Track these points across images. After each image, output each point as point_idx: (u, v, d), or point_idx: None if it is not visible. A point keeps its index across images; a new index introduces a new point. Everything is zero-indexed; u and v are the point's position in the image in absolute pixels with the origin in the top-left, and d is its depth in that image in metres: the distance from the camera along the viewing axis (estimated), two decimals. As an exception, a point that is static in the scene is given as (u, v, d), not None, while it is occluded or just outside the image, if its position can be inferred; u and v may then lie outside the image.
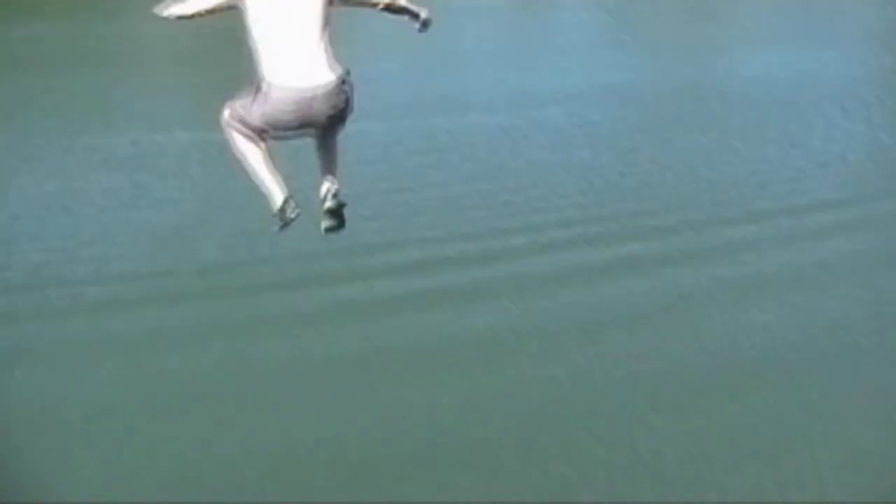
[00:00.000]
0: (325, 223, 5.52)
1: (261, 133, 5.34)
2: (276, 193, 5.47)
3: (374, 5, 5.33)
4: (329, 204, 5.45)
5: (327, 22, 5.02)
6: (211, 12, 5.16)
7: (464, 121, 34.93)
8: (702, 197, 26.08)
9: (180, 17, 5.24)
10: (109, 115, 34.28)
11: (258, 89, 5.09)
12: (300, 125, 5.13)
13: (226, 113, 5.42)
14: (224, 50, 36.89)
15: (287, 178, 6.02)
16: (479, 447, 14.02)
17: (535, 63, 43.28)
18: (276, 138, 5.48)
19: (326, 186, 5.47)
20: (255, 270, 20.32)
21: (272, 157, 5.77)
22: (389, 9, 5.37)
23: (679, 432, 14.47)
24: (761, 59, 43.65)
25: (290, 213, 5.50)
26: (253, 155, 5.42)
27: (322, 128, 5.25)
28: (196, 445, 14.22)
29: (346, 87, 5.20)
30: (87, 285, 19.51)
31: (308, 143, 6.04)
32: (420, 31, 5.49)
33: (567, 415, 15.01)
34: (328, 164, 5.53)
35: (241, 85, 5.97)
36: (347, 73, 5.19)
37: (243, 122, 5.26)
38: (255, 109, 5.12)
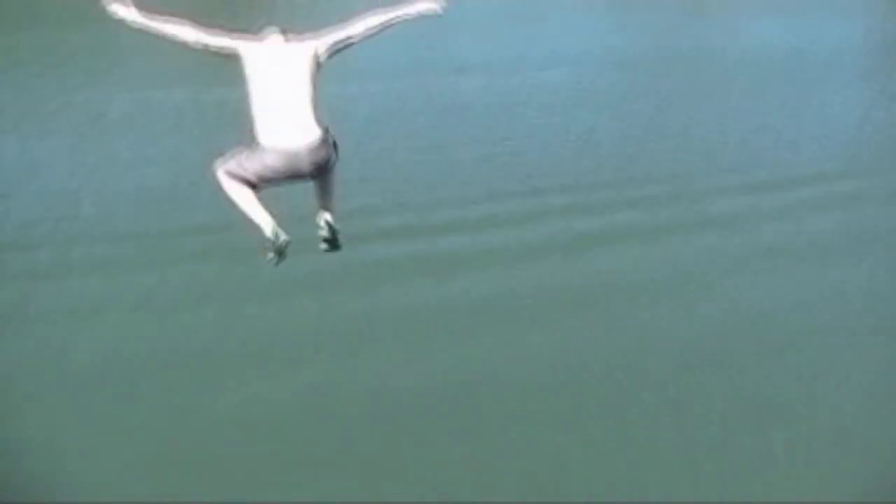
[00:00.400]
0: (322, 246, 6.49)
1: (253, 184, 5.89)
2: (266, 223, 6.01)
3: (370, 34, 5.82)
4: (323, 234, 6.40)
5: (315, 86, 5.57)
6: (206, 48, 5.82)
7: (462, 84, 34.44)
8: (697, 166, 25.71)
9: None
10: (106, 72, 33.65)
11: (252, 149, 5.65)
12: (289, 176, 5.74)
13: (218, 169, 5.87)
14: (222, 8, 36.36)
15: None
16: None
17: (534, 27, 42.61)
18: (266, 187, 6.04)
19: (322, 218, 6.34)
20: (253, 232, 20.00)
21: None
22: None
23: (670, 403, 14.28)
24: (761, 28, 43.08)
25: (279, 239, 6.16)
26: (244, 196, 5.91)
27: (309, 175, 5.86)
28: (193, 404, 14.00)
29: (329, 141, 5.76)
30: (82, 245, 19.14)
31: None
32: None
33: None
34: (323, 199, 6.29)
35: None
36: (326, 130, 5.73)
37: (236, 176, 5.77)
38: (248, 167, 5.69)
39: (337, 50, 5.78)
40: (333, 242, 6.47)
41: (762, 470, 12.83)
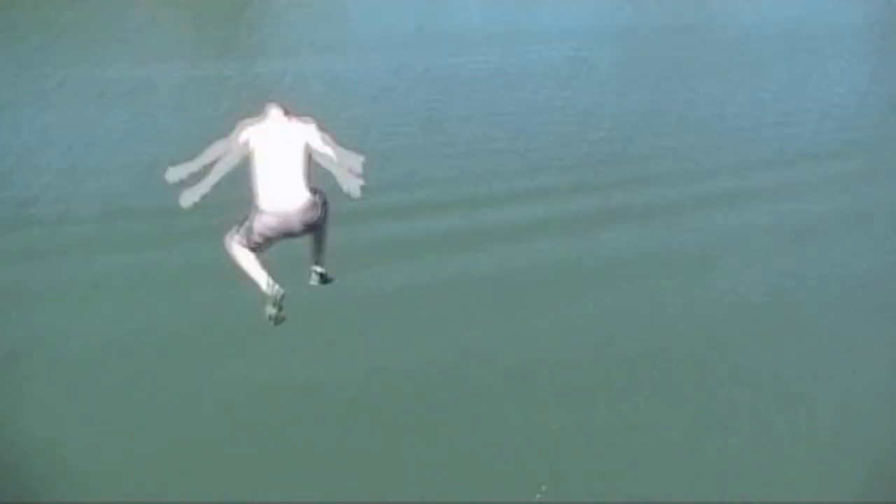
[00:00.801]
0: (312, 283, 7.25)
1: (254, 247, 6.78)
2: (262, 279, 6.79)
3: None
4: (313, 283, 7.41)
5: (306, 164, 6.41)
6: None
7: (462, 58, 33.88)
8: (698, 143, 25.31)
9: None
10: (106, 47, 33.12)
11: (253, 213, 6.54)
12: (283, 234, 6.59)
13: (227, 238, 6.87)
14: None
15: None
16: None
17: (536, 2, 41.99)
18: (267, 247, 6.83)
19: (314, 271, 7.27)
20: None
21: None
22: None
23: (667, 382, 13.96)
24: (761, 4, 42.47)
25: (274, 290, 6.83)
26: (245, 257, 6.85)
27: (301, 233, 6.67)
28: (192, 382, 13.74)
29: (318, 203, 6.52)
30: (81, 223, 18.77)
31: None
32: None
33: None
34: (315, 253, 7.15)
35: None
36: (314, 191, 6.51)
37: (241, 242, 6.75)
38: (251, 226, 6.59)
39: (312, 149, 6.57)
40: (325, 282, 7.37)
41: (767, 450, 12.59)
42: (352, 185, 6.31)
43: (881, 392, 14.06)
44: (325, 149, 6.41)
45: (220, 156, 6.62)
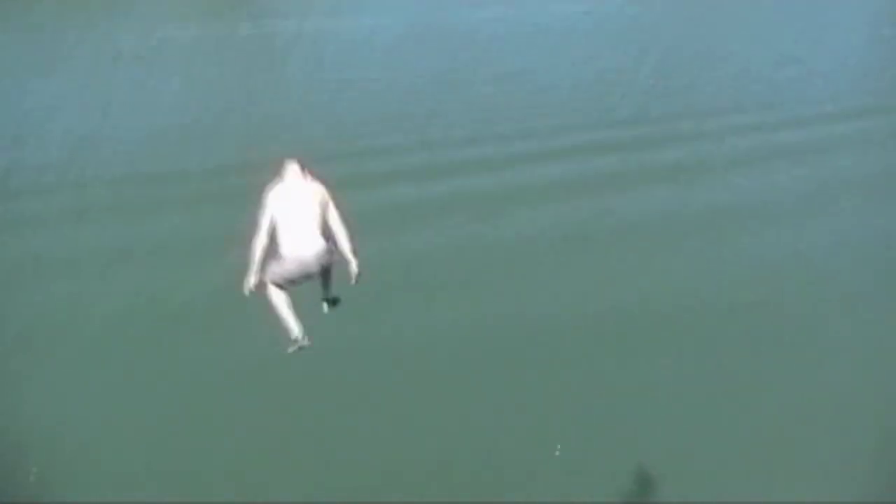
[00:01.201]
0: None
1: (281, 286, 7.48)
2: (293, 328, 7.54)
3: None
4: (325, 310, 8.12)
5: (322, 217, 7.32)
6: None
7: (480, 15, 33.06)
8: (719, 102, 24.66)
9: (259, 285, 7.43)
10: (121, 10, 32.61)
11: (277, 258, 7.29)
12: (303, 276, 7.40)
13: (263, 278, 7.44)
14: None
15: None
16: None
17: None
18: (292, 287, 7.56)
19: (325, 300, 8.03)
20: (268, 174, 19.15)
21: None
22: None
23: (680, 345, 13.50)
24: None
25: (303, 342, 7.62)
26: (280, 301, 7.52)
27: (317, 274, 7.51)
28: (216, 349, 13.42)
29: (330, 250, 7.38)
30: (99, 188, 18.40)
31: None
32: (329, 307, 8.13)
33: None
34: (325, 287, 7.93)
35: None
36: (328, 238, 7.38)
37: (272, 281, 7.42)
38: (276, 270, 7.35)
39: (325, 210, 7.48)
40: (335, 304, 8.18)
41: (788, 413, 12.18)
42: (352, 271, 7.58)
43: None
44: (337, 225, 7.48)
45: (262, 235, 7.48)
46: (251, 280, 7.42)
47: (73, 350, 13.32)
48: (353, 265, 7.53)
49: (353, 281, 7.55)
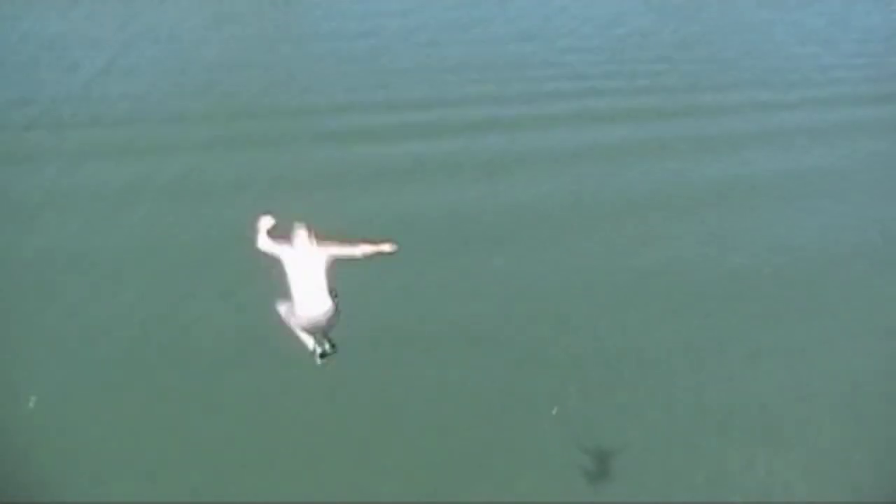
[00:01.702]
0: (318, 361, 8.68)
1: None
2: (308, 343, 8.46)
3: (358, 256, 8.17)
4: (319, 363, 8.63)
5: (328, 275, 8.03)
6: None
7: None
8: (742, 74, 24.22)
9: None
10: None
11: (293, 312, 8.13)
12: (313, 329, 8.29)
13: (281, 308, 8.33)
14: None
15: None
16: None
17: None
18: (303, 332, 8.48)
19: (322, 351, 8.57)
20: (292, 120, 19.03)
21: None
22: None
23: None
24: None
25: (317, 350, 8.51)
26: (293, 323, 8.37)
27: (325, 327, 8.37)
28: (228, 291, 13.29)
29: (336, 308, 8.09)
30: (110, 126, 18.14)
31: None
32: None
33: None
34: (326, 337, 8.53)
35: None
36: (334, 296, 8.11)
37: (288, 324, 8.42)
38: (292, 321, 8.30)
39: (337, 258, 8.19)
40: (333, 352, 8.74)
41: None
42: (384, 249, 8.14)
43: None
44: (346, 251, 8.13)
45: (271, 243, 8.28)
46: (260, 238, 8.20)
47: (83, 285, 13.19)
48: (388, 247, 8.17)
49: (392, 248, 8.15)
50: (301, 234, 8.12)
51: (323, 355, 8.61)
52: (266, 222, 8.22)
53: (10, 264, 13.15)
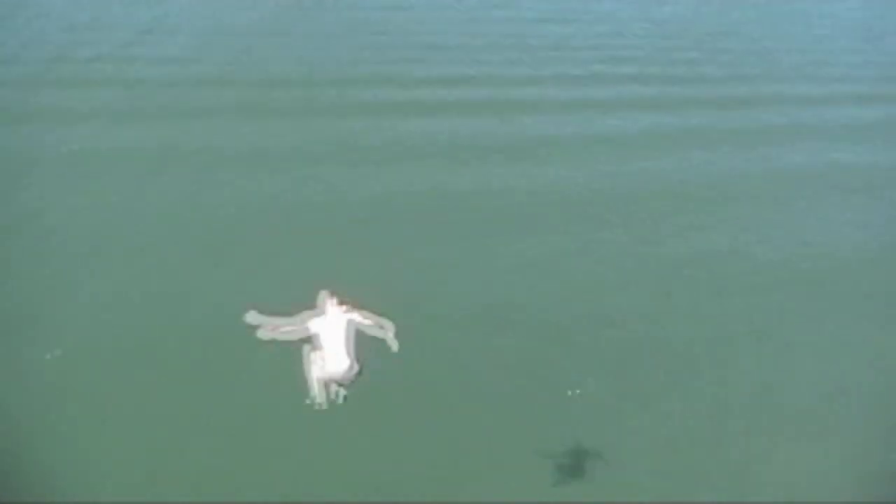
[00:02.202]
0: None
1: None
2: (314, 392, 9.05)
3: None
4: (341, 401, 9.20)
5: (354, 339, 8.69)
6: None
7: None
8: (773, 65, 23.67)
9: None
10: None
11: (317, 364, 8.85)
12: (336, 382, 8.90)
13: (309, 357, 8.90)
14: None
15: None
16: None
17: None
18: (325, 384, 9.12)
19: (342, 394, 9.21)
20: (324, 90, 18.85)
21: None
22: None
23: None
24: None
25: (314, 403, 9.03)
26: (312, 370, 8.98)
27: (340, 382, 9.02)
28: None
29: (359, 367, 8.73)
30: (148, 84, 18.06)
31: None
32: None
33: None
34: (340, 387, 9.10)
35: None
36: (356, 360, 8.71)
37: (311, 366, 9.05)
38: (318, 374, 8.94)
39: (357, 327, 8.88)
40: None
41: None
42: (391, 344, 8.74)
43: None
44: (366, 323, 8.82)
45: (293, 326, 8.78)
46: (264, 332, 8.65)
47: (79, 246, 13.19)
48: (392, 344, 8.79)
49: (394, 347, 8.75)
50: (328, 301, 8.91)
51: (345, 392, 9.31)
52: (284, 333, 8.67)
53: (37, 224, 13.25)
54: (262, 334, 8.52)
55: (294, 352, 9.11)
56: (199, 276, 12.50)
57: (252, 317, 8.56)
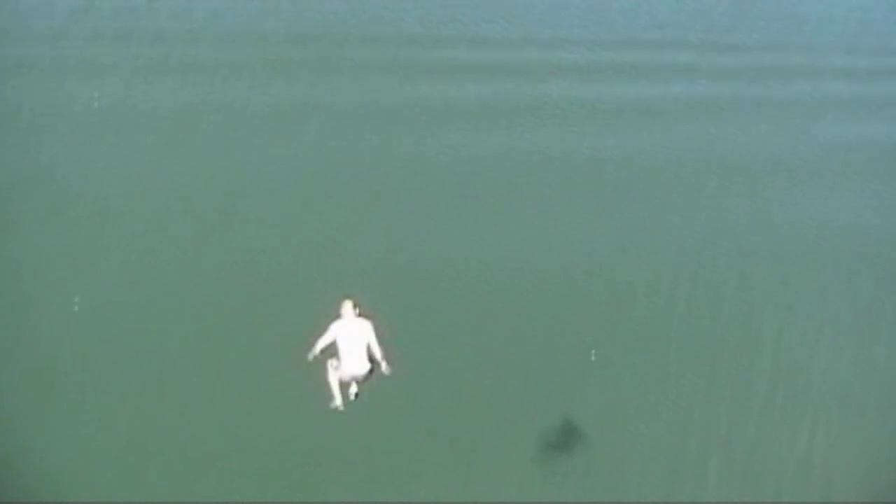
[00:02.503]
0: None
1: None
2: (335, 397, 10.09)
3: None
4: (353, 398, 10.37)
5: (367, 342, 9.71)
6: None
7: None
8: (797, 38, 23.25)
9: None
10: None
11: (338, 367, 9.85)
12: (353, 381, 9.99)
13: (330, 361, 9.93)
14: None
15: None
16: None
17: None
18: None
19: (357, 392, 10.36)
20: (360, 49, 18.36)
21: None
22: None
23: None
24: None
25: (337, 408, 10.13)
26: (332, 378, 10.06)
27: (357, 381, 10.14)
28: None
29: (372, 368, 9.74)
30: (173, 40, 17.70)
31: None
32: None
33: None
34: (359, 385, 10.20)
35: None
36: (371, 360, 9.71)
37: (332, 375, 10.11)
38: (336, 374, 10.00)
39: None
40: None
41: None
42: (384, 369, 9.69)
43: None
44: (375, 348, 9.69)
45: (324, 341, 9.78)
46: (311, 355, 9.71)
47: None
48: (384, 369, 9.74)
49: (385, 372, 9.72)
50: (348, 308, 9.83)
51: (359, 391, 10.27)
52: (320, 345, 9.60)
53: (53, 183, 13.30)
54: (310, 356, 9.58)
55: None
56: (219, 237, 12.44)
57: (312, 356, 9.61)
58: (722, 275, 13.33)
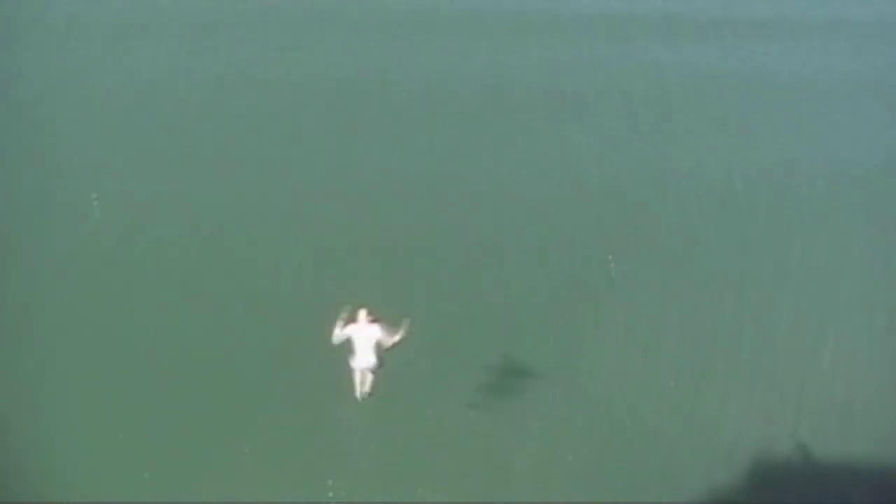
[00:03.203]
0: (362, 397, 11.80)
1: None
2: (357, 390, 11.57)
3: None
4: (360, 399, 11.65)
5: (377, 342, 10.97)
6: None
7: None
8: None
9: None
10: None
11: (351, 361, 11.21)
12: (363, 373, 11.44)
13: (349, 356, 11.20)
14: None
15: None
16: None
17: None
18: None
19: (364, 388, 11.67)
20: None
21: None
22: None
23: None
24: None
25: (360, 399, 11.58)
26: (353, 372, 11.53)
27: (370, 373, 11.51)
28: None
29: (379, 365, 11.24)
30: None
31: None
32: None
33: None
34: (367, 385, 11.63)
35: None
36: (380, 359, 11.17)
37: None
38: (351, 366, 11.30)
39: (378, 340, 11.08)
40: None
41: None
42: (403, 334, 10.75)
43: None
44: (389, 341, 10.89)
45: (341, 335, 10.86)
46: (338, 339, 10.79)
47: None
48: (399, 336, 10.83)
49: (398, 337, 10.84)
50: (362, 315, 10.89)
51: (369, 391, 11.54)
52: (339, 326, 10.62)
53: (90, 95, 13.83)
54: (335, 338, 10.61)
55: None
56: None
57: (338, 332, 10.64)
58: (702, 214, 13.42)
